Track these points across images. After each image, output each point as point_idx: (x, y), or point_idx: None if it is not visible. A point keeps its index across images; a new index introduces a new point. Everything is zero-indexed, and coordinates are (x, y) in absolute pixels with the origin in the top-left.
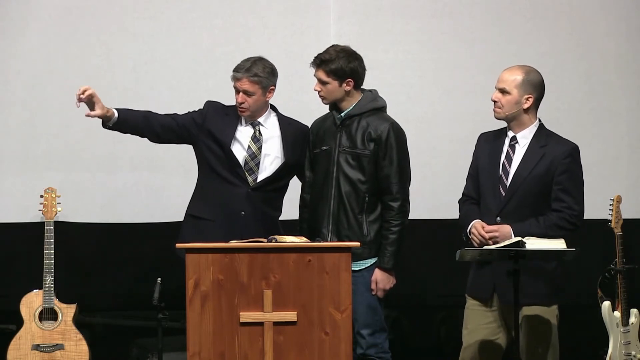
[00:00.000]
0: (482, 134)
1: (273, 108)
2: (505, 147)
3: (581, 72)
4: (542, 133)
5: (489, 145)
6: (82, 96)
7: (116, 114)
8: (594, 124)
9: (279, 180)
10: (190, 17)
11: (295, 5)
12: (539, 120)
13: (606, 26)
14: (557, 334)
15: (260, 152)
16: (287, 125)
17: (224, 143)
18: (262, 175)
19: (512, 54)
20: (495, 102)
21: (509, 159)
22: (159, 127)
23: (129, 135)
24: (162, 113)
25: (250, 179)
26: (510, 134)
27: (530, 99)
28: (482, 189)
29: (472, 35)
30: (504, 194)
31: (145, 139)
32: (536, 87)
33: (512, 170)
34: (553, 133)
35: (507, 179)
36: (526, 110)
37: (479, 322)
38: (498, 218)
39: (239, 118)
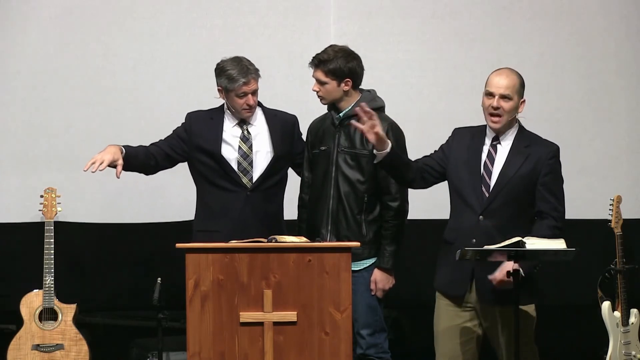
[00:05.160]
0: (457, 129)
1: (258, 103)
2: (486, 147)
3: (581, 72)
4: (524, 133)
5: (466, 142)
6: (94, 171)
7: (124, 152)
8: (594, 124)
9: (274, 174)
10: (190, 17)
11: (295, 6)
12: (518, 120)
13: (606, 26)
14: (533, 334)
15: (252, 150)
16: (274, 117)
17: (214, 151)
18: (256, 173)
19: (512, 54)
20: (497, 108)
21: (492, 158)
22: (154, 159)
23: (130, 135)
24: (149, 144)
25: (245, 179)
26: (491, 133)
27: (523, 104)
28: (459, 186)
29: (472, 35)
30: (487, 193)
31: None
32: (524, 89)
33: (496, 169)
34: (532, 133)
35: (490, 179)
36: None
37: (452, 323)
38: (481, 217)
39: (223, 119)
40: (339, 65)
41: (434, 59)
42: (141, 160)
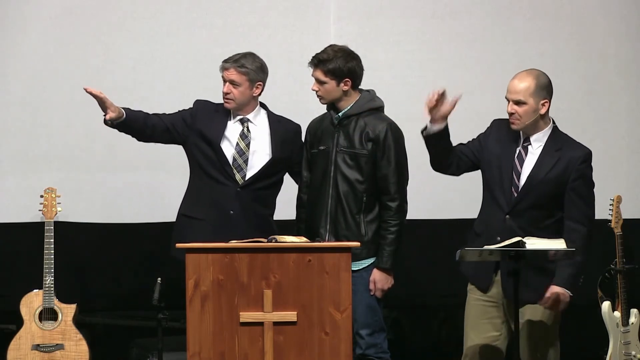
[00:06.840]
0: (495, 120)
1: (263, 106)
2: (518, 148)
3: (581, 72)
4: (557, 136)
5: (501, 137)
6: (87, 90)
7: (124, 115)
8: (594, 124)
9: (267, 177)
10: (190, 17)
11: (295, 5)
12: (553, 122)
13: (606, 26)
14: (558, 333)
15: (249, 148)
16: (277, 123)
17: (214, 141)
18: (250, 173)
19: (512, 54)
20: (511, 114)
21: (521, 159)
22: (151, 128)
23: (129, 135)
24: (152, 113)
25: (239, 176)
26: (523, 135)
27: (546, 104)
28: (491, 182)
29: (472, 35)
30: (515, 194)
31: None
32: (549, 90)
33: (525, 171)
34: (566, 135)
35: (519, 180)
36: (542, 116)
37: (482, 318)
38: (507, 216)
39: (228, 115)
40: (338, 65)
41: (434, 59)
42: (139, 125)
